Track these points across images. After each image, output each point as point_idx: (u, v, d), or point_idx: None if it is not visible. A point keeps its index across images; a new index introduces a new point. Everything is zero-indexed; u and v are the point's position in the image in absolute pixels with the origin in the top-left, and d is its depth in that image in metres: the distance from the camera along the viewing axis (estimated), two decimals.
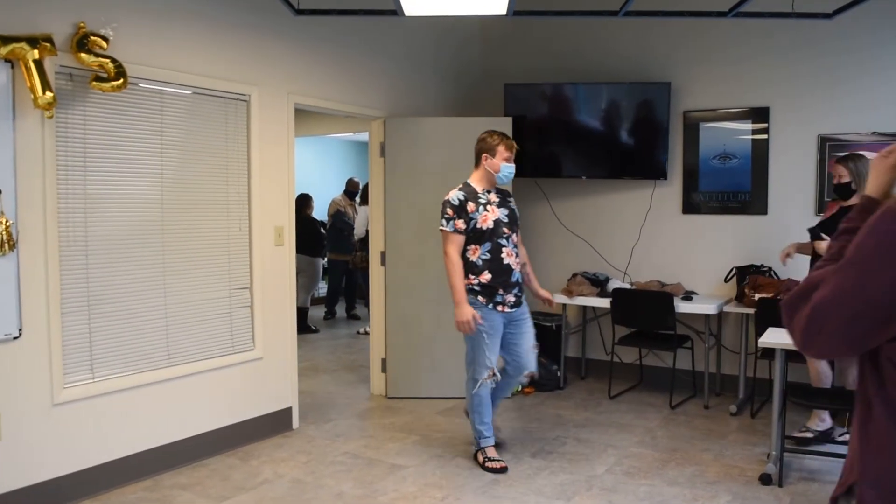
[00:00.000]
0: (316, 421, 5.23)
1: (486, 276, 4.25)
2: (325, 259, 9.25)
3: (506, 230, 4.30)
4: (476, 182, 4.37)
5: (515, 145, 4.36)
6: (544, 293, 4.67)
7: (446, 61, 6.59)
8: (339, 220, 9.12)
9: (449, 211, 4.25)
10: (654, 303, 5.59)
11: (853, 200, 4.64)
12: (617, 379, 6.11)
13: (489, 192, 4.35)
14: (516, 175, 6.27)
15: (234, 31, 4.55)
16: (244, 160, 4.65)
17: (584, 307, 6.41)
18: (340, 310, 9.76)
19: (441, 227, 4.26)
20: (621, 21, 5.32)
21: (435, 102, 6.43)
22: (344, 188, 9.55)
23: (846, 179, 4.56)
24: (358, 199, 9.40)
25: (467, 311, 4.17)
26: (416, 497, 3.93)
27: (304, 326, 8.48)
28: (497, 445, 4.50)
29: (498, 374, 4.36)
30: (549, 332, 6.29)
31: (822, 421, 4.73)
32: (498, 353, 4.36)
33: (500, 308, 4.29)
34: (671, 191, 6.18)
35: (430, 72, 6.40)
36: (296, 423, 5.07)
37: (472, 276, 4.26)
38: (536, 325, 6.33)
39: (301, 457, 4.53)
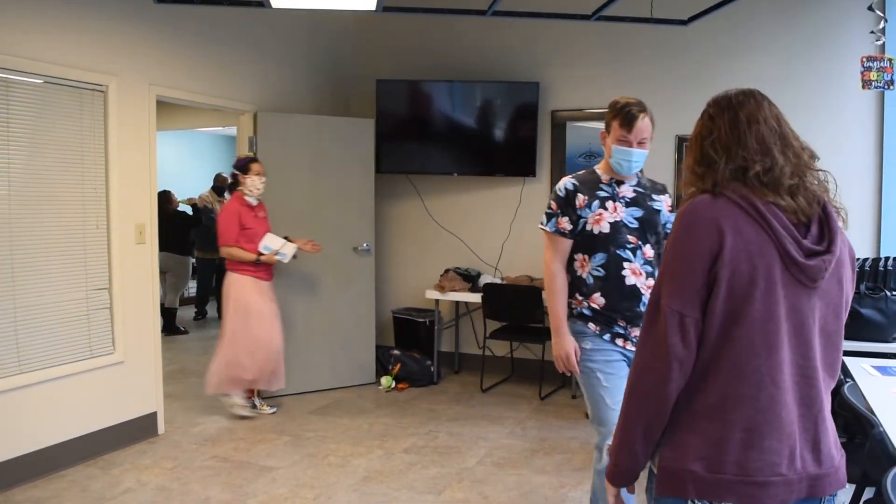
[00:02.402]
0: (183, 425, 5.05)
1: (597, 300, 2.98)
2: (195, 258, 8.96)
3: (631, 239, 2.97)
4: (603, 169, 3.09)
5: (644, 119, 3.02)
6: None
7: (318, 56, 6.51)
8: (207, 216, 8.83)
9: (552, 204, 3.05)
10: (523, 297, 5.74)
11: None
12: (489, 372, 6.23)
13: (620, 183, 3.05)
14: (384, 171, 6.38)
15: (91, 18, 4.31)
16: (101, 154, 4.43)
17: (457, 302, 6.50)
18: (211, 310, 9.47)
19: (540, 226, 3.08)
20: (491, 20, 5.42)
21: (306, 98, 6.34)
22: (212, 184, 9.25)
23: None
24: (227, 195, 9.12)
25: (565, 344, 2.99)
26: (287, 498, 3.87)
27: (172, 327, 8.20)
28: None
29: None
30: (423, 328, 6.34)
31: None
32: None
33: (620, 342, 2.99)
34: (540, 187, 6.35)
35: (302, 66, 6.30)
36: (161, 428, 4.88)
37: (579, 297, 3.03)
38: (408, 322, 6.43)
39: (166, 463, 4.37)
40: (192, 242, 8.67)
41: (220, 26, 5.33)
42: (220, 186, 9.18)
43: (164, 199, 8.23)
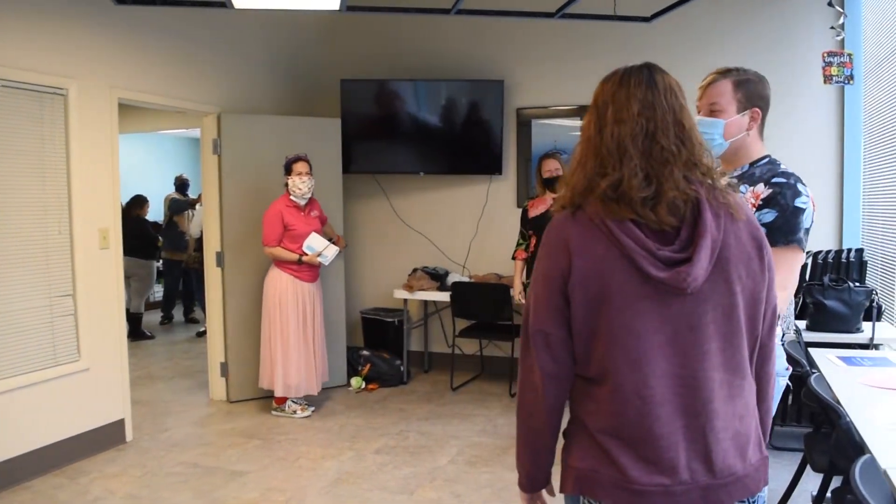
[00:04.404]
0: (151, 431, 4.99)
1: None
2: (160, 262, 8.87)
3: None
4: None
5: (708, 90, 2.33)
6: None
7: (282, 56, 6.46)
8: (175, 205, 8.79)
9: None
10: (492, 294, 5.76)
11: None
12: (459, 370, 6.25)
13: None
14: (350, 171, 6.35)
15: (49, 20, 4.23)
16: (62, 159, 4.35)
17: (426, 301, 6.51)
18: (178, 314, 9.36)
19: None
20: (455, 19, 5.43)
21: (271, 98, 6.29)
22: (175, 187, 9.21)
23: (561, 172, 5.20)
24: (189, 194, 9.12)
25: None
26: (258, 503, 3.85)
27: (138, 333, 8.10)
28: None
29: None
30: (392, 328, 6.34)
31: None
32: None
33: None
34: (506, 185, 6.39)
35: (266, 67, 6.25)
36: (129, 435, 4.81)
37: None
38: (377, 322, 6.42)
39: (135, 470, 4.31)
40: (157, 247, 8.58)
41: (181, 27, 5.27)
42: (181, 185, 9.20)
43: (137, 204, 8.20)
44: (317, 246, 5.20)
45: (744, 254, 1.51)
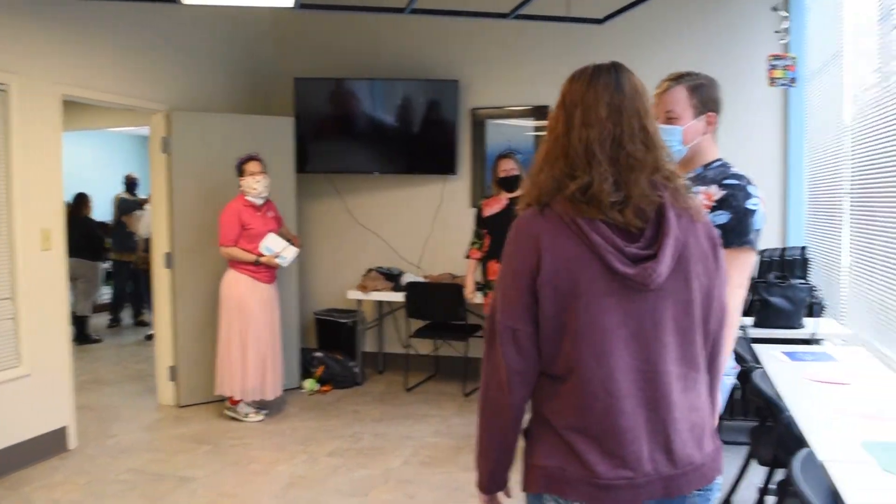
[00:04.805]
0: (97, 438, 4.87)
1: None
2: (109, 262, 8.69)
3: None
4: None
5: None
6: None
7: (235, 55, 6.36)
8: (124, 205, 8.64)
9: None
10: (446, 295, 5.75)
11: (519, 191, 5.11)
12: (414, 371, 6.23)
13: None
14: (304, 171, 6.29)
15: None
16: (2, 157, 4.22)
17: (380, 302, 6.47)
18: (126, 316, 9.16)
19: None
20: (410, 18, 5.42)
21: (223, 96, 6.19)
22: (125, 186, 9.04)
23: (517, 172, 5.13)
24: (138, 193, 8.96)
25: None
26: None
27: (84, 336, 7.91)
28: None
29: None
30: (345, 329, 6.29)
31: None
32: None
33: None
34: (460, 185, 6.38)
35: (219, 65, 6.15)
36: (73, 442, 4.68)
37: None
38: (331, 323, 6.37)
39: (79, 478, 4.20)
40: (104, 248, 8.39)
41: (130, 22, 5.15)
42: (131, 185, 9.05)
43: (80, 203, 8.00)
44: (275, 247, 5.12)
45: (701, 253, 1.56)
